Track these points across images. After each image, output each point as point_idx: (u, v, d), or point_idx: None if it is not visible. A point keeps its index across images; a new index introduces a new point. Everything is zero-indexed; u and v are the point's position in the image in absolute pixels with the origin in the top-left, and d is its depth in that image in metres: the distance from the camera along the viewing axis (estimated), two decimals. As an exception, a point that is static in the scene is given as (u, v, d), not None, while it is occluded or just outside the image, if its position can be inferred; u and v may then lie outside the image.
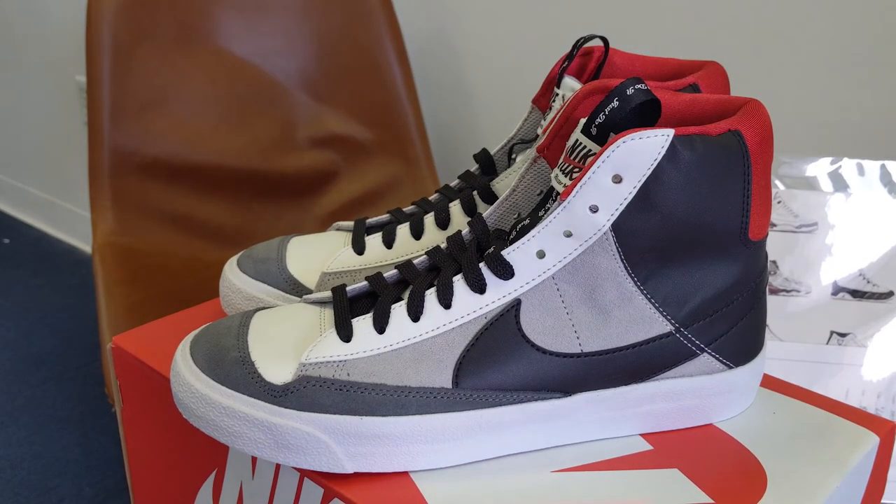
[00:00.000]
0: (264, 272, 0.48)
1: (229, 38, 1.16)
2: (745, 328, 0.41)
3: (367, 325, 0.39)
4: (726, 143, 0.37)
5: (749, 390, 0.43)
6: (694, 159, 0.36)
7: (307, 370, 0.37)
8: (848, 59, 0.83)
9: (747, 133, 0.37)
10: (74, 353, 1.60)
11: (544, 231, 0.38)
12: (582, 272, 0.38)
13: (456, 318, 0.38)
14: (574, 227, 0.37)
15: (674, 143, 0.35)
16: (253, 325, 0.41)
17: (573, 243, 0.37)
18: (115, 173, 1.08)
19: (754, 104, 0.38)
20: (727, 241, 0.38)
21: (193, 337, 0.41)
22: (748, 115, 0.38)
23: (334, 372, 0.37)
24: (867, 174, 0.67)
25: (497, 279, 0.38)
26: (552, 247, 0.38)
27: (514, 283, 0.38)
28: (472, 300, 0.38)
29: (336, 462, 0.37)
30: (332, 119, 1.19)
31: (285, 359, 0.38)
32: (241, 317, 0.42)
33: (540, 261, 0.38)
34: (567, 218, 0.37)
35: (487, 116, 1.18)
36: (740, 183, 0.37)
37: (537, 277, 0.38)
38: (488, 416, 0.38)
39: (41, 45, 1.90)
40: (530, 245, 0.38)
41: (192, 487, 0.47)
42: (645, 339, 0.39)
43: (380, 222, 0.51)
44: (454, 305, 0.38)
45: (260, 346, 0.39)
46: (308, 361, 0.37)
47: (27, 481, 1.24)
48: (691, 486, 0.38)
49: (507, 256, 0.38)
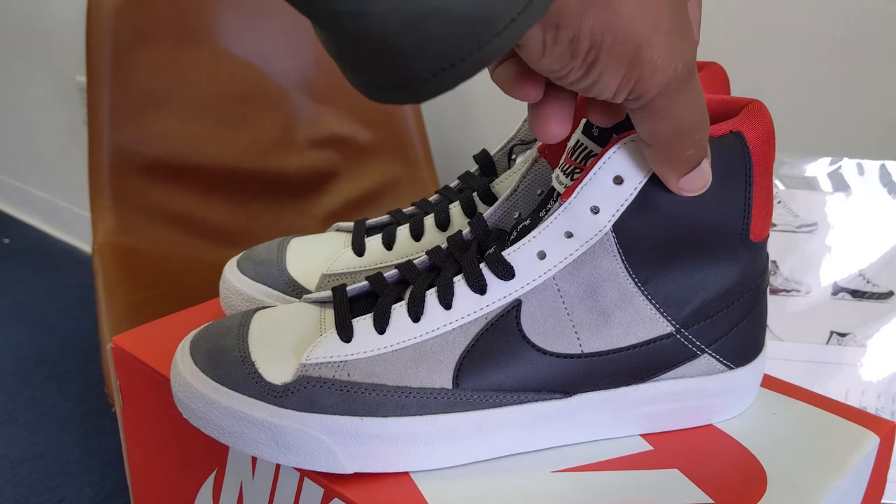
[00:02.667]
0: (264, 274, 0.48)
1: (229, 38, 1.16)
2: (745, 329, 0.41)
3: (367, 326, 0.38)
4: (728, 144, 0.37)
5: (749, 391, 0.43)
6: None
7: (307, 370, 0.37)
8: (848, 59, 0.83)
9: (749, 134, 0.37)
10: (74, 353, 1.60)
11: (545, 232, 0.37)
12: (583, 273, 0.38)
13: (456, 318, 0.38)
14: (575, 227, 0.37)
15: None
16: (253, 325, 0.41)
17: (574, 244, 0.37)
18: (115, 173, 1.08)
19: (756, 105, 0.38)
20: (728, 243, 0.38)
21: (193, 337, 0.41)
22: (750, 116, 0.37)
23: (335, 372, 0.37)
24: (867, 174, 0.67)
25: (498, 280, 0.38)
26: (553, 247, 0.38)
27: (514, 283, 0.38)
28: (472, 301, 0.38)
29: (336, 463, 0.37)
30: (332, 119, 1.19)
31: (285, 359, 0.38)
32: (241, 316, 0.41)
33: (541, 261, 0.38)
34: (568, 219, 0.37)
35: (487, 117, 1.18)
36: (742, 184, 0.37)
37: (538, 278, 0.38)
38: (489, 416, 0.38)
39: (41, 45, 1.90)
40: (531, 246, 0.38)
41: (192, 487, 0.47)
42: (645, 339, 0.39)
43: (380, 223, 0.51)
44: (455, 306, 0.38)
45: (260, 347, 0.39)
46: (308, 362, 0.37)
47: (27, 481, 1.24)
48: (691, 486, 0.38)
49: (508, 257, 0.38)
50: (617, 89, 0.31)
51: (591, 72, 0.30)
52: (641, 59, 0.30)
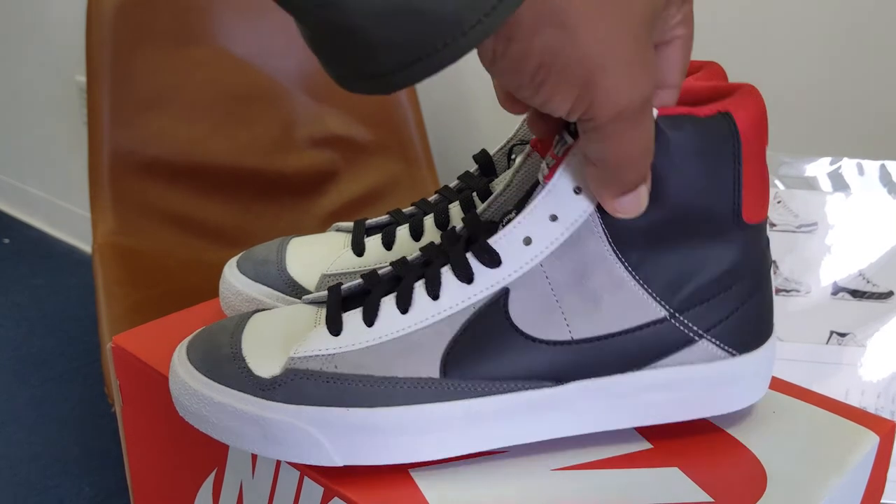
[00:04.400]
0: (264, 274, 0.48)
1: (229, 38, 1.16)
2: (747, 313, 0.40)
3: (356, 319, 0.38)
4: (716, 124, 0.36)
5: (758, 379, 0.42)
6: (680, 139, 0.36)
7: (295, 363, 0.37)
8: (848, 58, 0.83)
9: (738, 115, 0.37)
10: (74, 353, 1.60)
11: (530, 217, 0.37)
12: (570, 257, 0.37)
13: (444, 308, 0.38)
14: (559, 209, 0.37)
15: (658, 124, 0.35)
16: (248, 325, 0.41)
17: (559, 227, 0.37)
18: (115, 173, 1.08)
19: (747, 87, 0.38)
20: (720, 224, 0.38)
21: (191, 338, 0.41)
22: (740, 98, 0.37)
23: (322, 365, 0.37)
24: (867, 174, 0.67)
25: (484, 268, 0.38)
26: (538, 232, 0.37)
27: (501, 271, 0.38)
28: (459, 290, 0.38)
29: (325, 455, 0.37)
30: (332, 119, 1.19)
31: (275, 354, 0.38)
32: (240, 318, 0.42)
33: (527, 248, 0.37)
34: (551, 200, 0.37)
35: (487, 116, 1.18)
36: (730, 164, 0.37)
37: (525, 265, 0.37)
38: (477, 405, 0.38)
39: (41, 45, 1.90)
40: (516, 232, 0.37)
41: (192, 487, 0.47)
42: (638, 324, 0.38)
43: (379, 223, 0.51)
44: (442, 296, 0.38)
45: (252, 343, 0.39)
46: (297, 355, 0.37)
47: (27, 481, 1.24)
48: (691, 484, 0.38)
49: (494, 245, 0.38)
50: (569, 110, 0.31)
51: (541, 90, 0.31)
52: (595, 84, 0.30)
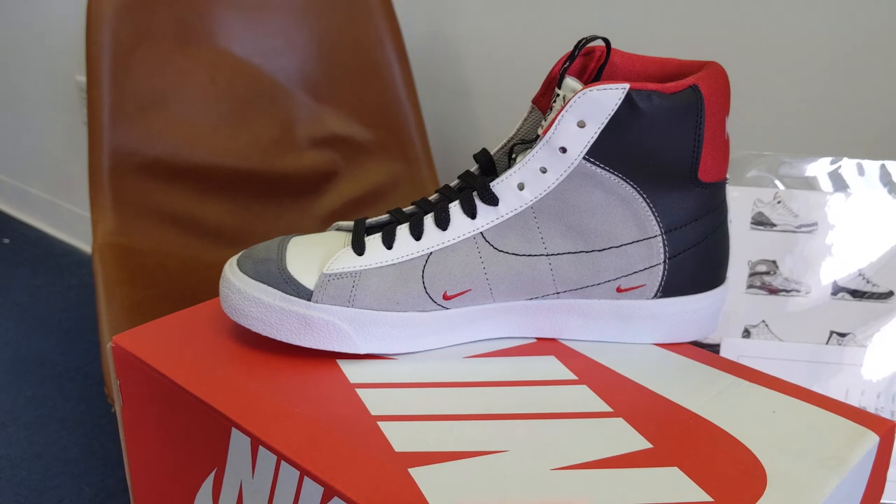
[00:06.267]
0: (264, 272, 0.48)
1: (229, 38, 1.16)
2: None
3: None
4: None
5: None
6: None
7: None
8: (848, 59, 0.84)
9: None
10: (74, 353, 1.60)
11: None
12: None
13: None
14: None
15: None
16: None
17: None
18: (115, 173, 1.08)
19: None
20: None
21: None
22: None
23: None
24: (867, 174, 0.67)
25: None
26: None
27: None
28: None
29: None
30: (332, 119, 1.19)
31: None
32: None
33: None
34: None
35: (487, 116, 1.18)
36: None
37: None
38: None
39: (41, 45, 1.90)
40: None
41: (192, 487, 0.47)
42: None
43: (379, 222, 0.51)
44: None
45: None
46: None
47: (27, 481, 1.24)
48: (691, 484, 0.38)
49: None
50: None
51: None
52: None
